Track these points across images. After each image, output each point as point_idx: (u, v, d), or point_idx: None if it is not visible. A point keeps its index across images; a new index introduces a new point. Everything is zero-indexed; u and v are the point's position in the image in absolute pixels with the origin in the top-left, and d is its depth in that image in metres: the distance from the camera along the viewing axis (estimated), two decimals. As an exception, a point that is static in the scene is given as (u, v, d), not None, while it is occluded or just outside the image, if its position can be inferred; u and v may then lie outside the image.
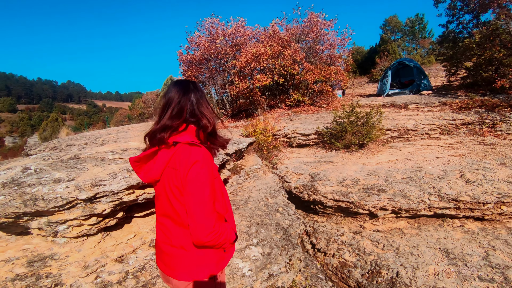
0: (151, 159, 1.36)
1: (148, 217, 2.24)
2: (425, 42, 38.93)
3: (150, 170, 1.35)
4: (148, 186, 2.06)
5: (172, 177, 1.27)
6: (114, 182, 1.83)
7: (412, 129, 6.09)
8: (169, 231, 1.36)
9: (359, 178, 4.29)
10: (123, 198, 1.82)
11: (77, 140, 10.42)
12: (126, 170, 1.99)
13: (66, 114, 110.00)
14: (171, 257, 1.36)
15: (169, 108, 1.33)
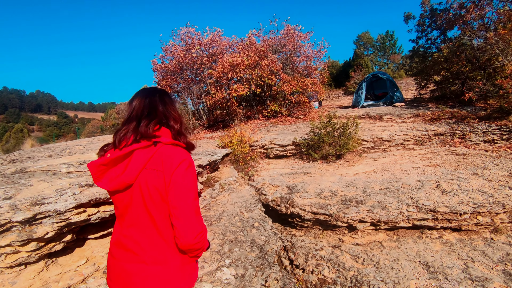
0: (121, 162, 1.22)
1: (104, 238, 1.97)
2: (396, 58, 40.88)
3: (119, 175, 1.20)
4: (106, 203, 1.81)
5: (151, 180, 1.18)
6: (61, 200, 1.56)
7: (388, 139, 6.15)
8: (138, 246, 1.22)
9: (337, 189, 4.19)
10: (70, 219, 1.56)
11: (41, 152, 9.72)
12: (77, 186, 1.73)
13: (34, 125, 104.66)
14: (140, 278, 1.20)
15: (145, 108, 1.28)
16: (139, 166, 1.20)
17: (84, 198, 1.63)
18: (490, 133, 5.85)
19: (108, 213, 1.79)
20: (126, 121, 1.27)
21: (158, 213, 1.20)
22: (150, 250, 1.22)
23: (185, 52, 9.02)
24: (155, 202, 1.19)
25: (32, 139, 22.28)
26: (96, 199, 1.71)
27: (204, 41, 9.09)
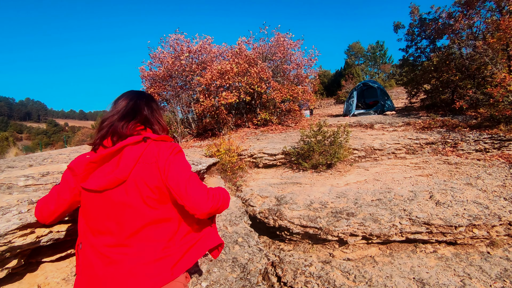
0: (111, 159, 1.21)
1: (62, 261, 1.73)
2: (386, 67, 41.56)
3: (111, 172, 1.18)
4: (60, 222, 1.58)
5: (145, 174, 1.19)
6: (2, 220, 1.33)
7: (379, 148, 6.02)
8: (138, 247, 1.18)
9: (328, 200, 4.00)
10: (13, 242, 1.33)
11: (22, 162, 9.33)
12: (27, 202, 1.50)
13: (23, 133, 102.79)
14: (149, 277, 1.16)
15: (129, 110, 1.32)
16: (132, 161, 1.19)
17: (32, 217, 1.40)
18: (481, 141, 5.79)
19: (63, 233, 1.56)
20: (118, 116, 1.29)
21: (156, 203, 1.20)
22: (156, 245, 1.20)
23: (174, 59, 8.86)
24: (153, 193, 1.19)
25: (18, 148, 21.67)
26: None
27: (193, 48, 8.95)
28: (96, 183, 1.17)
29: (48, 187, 1.95)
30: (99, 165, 1.21)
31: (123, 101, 1.35)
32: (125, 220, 1.18)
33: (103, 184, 1.16)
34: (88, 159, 1.20)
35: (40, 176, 2.17)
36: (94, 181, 1.18)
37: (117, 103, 1.35)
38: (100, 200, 1.18)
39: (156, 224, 1.21)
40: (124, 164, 1.18)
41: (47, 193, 1.47)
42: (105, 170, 1.19)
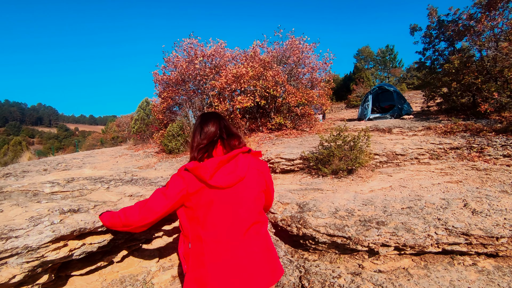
0: (228, 163, 1.51)
1: (92, 275, 1.62)
2: (396, 71, 41.15)
3: (231, 172, 1.48)
4: (93, 234, 1.46)
5: (257, 178, 1.59)
6: (34, 232, 1.23)
7: (401, 153, 5.82)
8: (260, 237, 1.54)
9: (354, 208, 3.83)
10: (46, 256, 1.22)
11: (36, 166, 9.38)
12: (58, 212, 1.39)
13: (35, 137, 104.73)
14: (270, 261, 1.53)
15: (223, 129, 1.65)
16: (246, 165, 1.54)
17: (65, 229, 1.29)
18: (509, 146, 5.53)
19: (96, 245, 1.44)
20: (211, 139, 1.60)
21: (262, 203, 1.63)
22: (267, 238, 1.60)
23: (187, 63, 8.82)
24: (261, 193, 1.61)
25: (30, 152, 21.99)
26: (80, 229, 1.37)
27: (207, 52, 8.90)
28: (221, 180, 1.44)
29: (76, 194, 1.85)
30: (219, 167, 1.47)
31: (214, 122, 1.66)
32: (240, 217, 1.47)
33: (227, 181, 1.46)
34: (214, 161, 1.46)
35: (66, 182, 2.07)
36: (218, 179, 1.44)
37: (208, 124, 1.64)
38: (221, 197, 1.45)
39: (258, 224, 1.55)
40: (242, 166, 1.52)
41: (76, 201, 1.37)
42: (226, 170, 1.48)
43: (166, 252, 2.14)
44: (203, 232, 1.43)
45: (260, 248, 1.50)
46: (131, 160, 8.43)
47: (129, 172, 2.99)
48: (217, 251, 1.41)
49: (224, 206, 1.44)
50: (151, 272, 1.81)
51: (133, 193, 2.02)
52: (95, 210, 1.56)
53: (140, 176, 2.79)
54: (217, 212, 1.43)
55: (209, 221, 1.43)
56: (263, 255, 1.49)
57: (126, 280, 1.66)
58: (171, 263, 2.00)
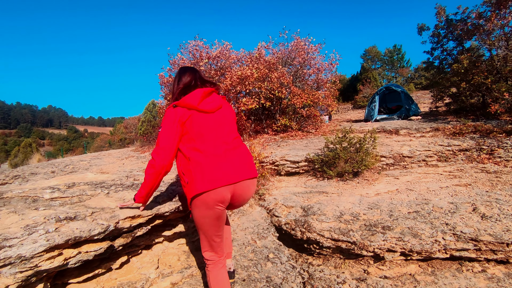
0: (208, 96, 1.99)
1: (89, 281, 1.60)
2: (404, 71, 40.68)
3: (212, 101, 1.99)
4: (89, 242, 1.45)
5: (230, 109, 2.12)
6: (28, 241, 1.21)
7: (408, 155, 5.71)
8: (242, 145, 2.09)
9: (359, 212, 3.76)
10: (40, 266, 1.20)
11: (45, 168, 9.49)
12: (54, 220, 1.38)
13: (45, 139, 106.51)
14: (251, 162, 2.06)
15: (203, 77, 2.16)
16: (221, 98, 2.08)
17: (60, 237, 1.28)
18: (520, 148, 5.39)
19: (92, 253, 1.43)
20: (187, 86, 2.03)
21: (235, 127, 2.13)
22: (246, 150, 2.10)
23: (193, 65, 8.83)
24: (235, 120, 2.16)
25: (40, 154, 22.32)
26: (76, 238, 1.35)
27: (212, 54, 8.91)
28: (208, 105, 1.94)
29: (74, 200, 1.84)
30: (206, 98, 1.97)
31: (190, 73, 2.08)
32: (226, 131, 1.97)
33: (213, 107, 1.97)
34: (202, 90, 1.97)
35: (66, 187, 2.06)
36: (205, 105, 1.93)
37: (185, 74, 2.08)
38: (209, 119, 1.92)
39: (239, 137, 2.12)
40: (219, 98, 2.05)
41: (74, 207, 1.36)
42: (207, 101, 1.96)
43: (166, 258, 2.12)
44: (201, 145, 1.85)
45: (244, 151, 2.03)
46: (137, 162, 8.47)
47: (131, 176, 2.99)
48: (214, 155, 1.84)
49: (213, 125, 1.92)
50: (150, 279, 1.79)
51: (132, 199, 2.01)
52: (92, 218, 1.55)
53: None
54: (208, 129, 1.89)
55: (204, 137, 1.86)
56: (246, 156, 2.01)
57: (124, 288, 1.64)
58: (170, 269, 1.98)
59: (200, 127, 1.86)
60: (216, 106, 1.97)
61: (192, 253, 2.31)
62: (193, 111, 1.88)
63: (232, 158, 1.87)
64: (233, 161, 1.86)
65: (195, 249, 2.40)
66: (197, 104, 1.87)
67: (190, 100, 1.88)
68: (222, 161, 1.82)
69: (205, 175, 1.75)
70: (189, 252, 2.30)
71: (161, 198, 2.10)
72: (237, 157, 1.91)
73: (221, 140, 1.89)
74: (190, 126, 1.86)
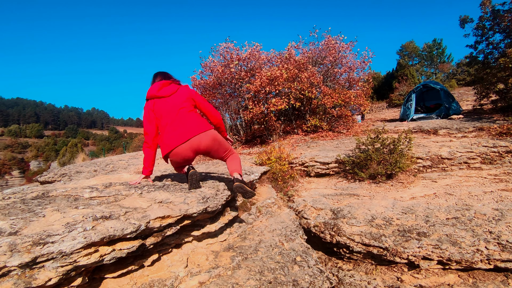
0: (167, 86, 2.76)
1: (124, 277, 1.70)
2: (445, 67, 38.27)
3: (169, 89, 2.76)
4: (122, 240, 1.54)
5: (185, 91, 2.84)
6: (68, 238, 1.32)
7: (448, 157, 5.37)
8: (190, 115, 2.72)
9: (392, 216, 3.61)
10: (78, 261, 1.31)
11: (88, 167, 10.18)
12: (91, 218, 1.49)
13: (89, 139, 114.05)
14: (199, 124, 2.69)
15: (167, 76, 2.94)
16: (177, 86, 2.82)
17: (96, 235, 1.37)
18: None
19: (125, 251, 1.52)
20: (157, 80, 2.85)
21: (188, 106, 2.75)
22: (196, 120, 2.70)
23: (223, 67, 9.00)
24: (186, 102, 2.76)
25: (84, 153, 23.94)
26: (110, 236, 1.45)
27: (242, 56, 9.01)
28: (164, 92, 2.69)
29: (111, 199, 1.96)
30: (163, 87, 2.72)
31: (160, 76, 2.88)
32: (175, 108, 2.65)
33: (168, 92, 2.70)
34: (160, 83, 2.75)
35: (104, 187, 2.21)
36: (163, 92, 2.70)
37: (156, 77, 2.87)
38: (166, 102, 2.68)
39: (185, 108, 2.69)
40: (174, 86, 2.77)
41: (109, 207, 1.45)
42: (165, 89, 2.72)
43: (195, 257, 2.18)
44: (161, 121, 2.65)
45: (190, 119, 2.65)
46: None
47: (163, 177, 3.12)
48: (167, 126, 2.60)
49: (168, 105, 2.65)
50: (179, 277, 1.86)
51: (162, 199, 2.10)
52: (125, 217, 1.65)
53: (173, 181, 2.89)
54: (165, 110, 2.64)
55: (163, 116, 2.63)
56: (193, 121, 2.64)
57: (155, 285, 1.72)
58: (198, 268, 2.04)
59: (160, 110, 2.65)
60: (172, 91, 2.72)
61: (220, 253, 2.36)
62: (155, 99, 2.70)
63: (179, 127, 2.56)
64: (180, 128, 2.56)
65: (224, 249, 2.45)
66: (156, 92, 2.68)
67: (152, 90, 2.70)
68: (172, 130, 2.56)
69: (163, 144, 2.60)
70: (217, 253, 2.35)
71: (189, 200, 2.18)
72: (184, 125, 2.58)
73: (171, 114, 2.62)
74: (156, 110, 2.67)
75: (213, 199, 2.30)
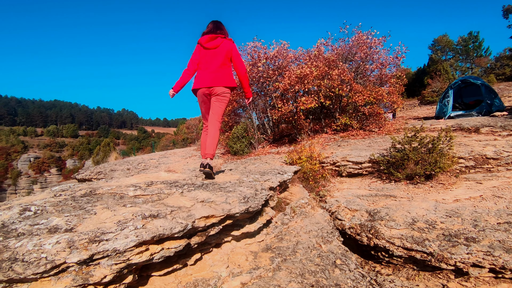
0: (214, 40, 3.50)
1: (169, 276, 1.71)
2: (482, 61, 36.07)
3: (214, 42, 3.49)
4: (170, 239, 1.55)
5: (225, 46, 3.55)
6: (121, 236, 1.34)
7: (493, 157, 5.01)
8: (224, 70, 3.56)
9: (435, 220, 3.41)
10: (131, 259, 1.32)
11: (121, 165, 10.55)
12: (141, 217, 1.51)
13: (120, 139, 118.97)
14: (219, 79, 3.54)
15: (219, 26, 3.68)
16: (221, 41, 3.53)
17: (147, 234, 1.39)
18: None
19: (173, 250, 1.52)
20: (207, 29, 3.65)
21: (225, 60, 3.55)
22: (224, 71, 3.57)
23: (251, 66, 8.98)
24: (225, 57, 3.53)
25: (117, 152, 24.96)
26: (159, 235, 1.46)
27: (270, 54, 8.95)
28: (210, 45, 3.46)
29: (154, 198, 1.99)
30: (210, 41, 3.48)
31: (211, 23, 3.64)
32: (212, 62, 3.48)
33: (213, 45, 3.46)
34: (209, 36, 3.49)
35: (146, 186, 2.25)
36: (209, 44, 3.47)
37: (208, 27, 3.62)
38: (207, 53, 3.50)
39: (224, 65, 3.50)
40: (219, 41, 3.47)
41: (155, 205, 1.46)
42: (211, 42, 3.47)
43: (235, 257, 2.17)
44: (200, 64, 3.51)
45: (218, 72, 3.46)
46: (199, 161, 8.95)
47: (200, 175, 3.14)
48: (202, 70, 3.51)
49: (208, 56, 3.47)
50: (221, 277, 1.85)
51: (204, 198, 2.10)
52: (172, 216, 1.66)
53: (209, 180, 2.90)
54: (205, 58, 3.48)
55: (202, 62, 3.51)
56: (218, 75, 3.45)
57: (199, 284, 1.72)
58: (240, 269, 2.02)
59: (203, 56, 3.51)
60: (215, 44, 3.48)
61: (259, 254, 2.33)
62: (202, 48, 3.52)
63: (208, 76, 3.45)
64: (208, 77, 3.44)
65: (262, 250, 2.42)
66: (204, 43, 3.49)
67: (202, 40, 3.50)
68: (202, 76, 3.48)
69: (195, 81, 3.53)
70: (256, 253, 2.32)
71: (231, 199, 2.16)
72: (210, 74, 3.44)
73: (207, 65, 3.47)
74: (199, 53, 3.53)
75: (253, 199, 2.28)
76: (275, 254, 2.39)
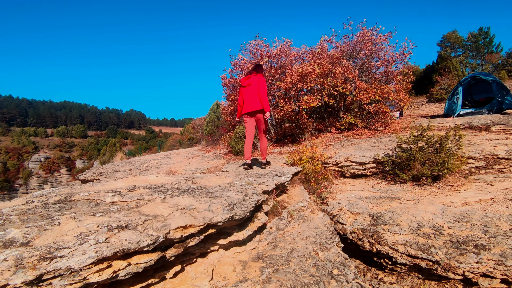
0: (249, 78, 5.10)
1: (144, 291, 1.56)
2: (493, 57, 35.25)
3: (249, 81, 5.07)
4: (138, 253, 1.39)
5: (256, 83, 4.99)
6: (78, 252, 1.19)
7: (505, 157, 4.75)
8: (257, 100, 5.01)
9: (442, 225, 3.20)
10: (88, 278, 1.17)
11: (124, 166, 10.48)
12: (106, 228, 1.36)
13: (128, 139, 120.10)
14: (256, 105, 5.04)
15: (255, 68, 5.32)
16: (253, 78, 5.06)
17: (108, 249, 1.24)
18: None
19: (142, 265, 1.37)
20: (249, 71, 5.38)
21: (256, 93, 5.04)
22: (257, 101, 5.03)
23: (253, 65, 8.82)
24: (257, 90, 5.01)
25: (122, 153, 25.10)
26: (124, 250, 1.30)
27: (272, 52, 8.76)
28: (245, 83, 5.11)
29: (131, 205, 1.84)
30: (246, 80, 5.14)
31: (253, 67, 5.28)
32: (250, 94, 5.01)
33: (247, 83, 5.07)
34: (246, 77, 5.21)
35: (127, 191, 2.11)
36: (244, 82, 5.14)
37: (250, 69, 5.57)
38: (245, 90, 5.09)
39: (257, 97, 4.98)
40: (252, 79, 5.04)
41: (129, 213, 1.31)
42: (247, 80, 5.12)
43: (221, 268, 2.01)
44: (244, 99, 5.09)
45: (254, 101, 4.95)
46: (201, 161, 8.82)
47: (190, 179, 2.99)
48: (245, 102, 5.08)
49: (245, 92, 5.06)
50: (203, 292, 1.69)
51: (186, 205, 1.95)
52: (143, 227, 1.51)
53: (199, 184, 2.75)
54: (244, 94, 5.08)
55: (244, 96, 5.09)
56: (255, 103, 4.94)
57: (176, 300, 1.57)
58: (225, 282, 1.86)
59: (243, 93, 5.09)
60: (249, 82, 5.00)
61: (249, 263, 2.17)
62: (241, 86, 5.16)
63: (249, 105, 4.95)
64: (248, 106, 4.96)
65: (252, 259, 2.26)
66: (242, 82, 5.11)
67: (241, 80, 5.15)
68: (246, 105, 5.00)
69: (242, 110, 5.15)
70: (246, 263, 2.16)
71: (214, 206, 2.00)
72: (251, 104, 4.93)
73: (247, 98, 4.98)
74: (241, 92, 5.15)
75: (240, 206, 2.11)
76: (266, 263, 2.22)
